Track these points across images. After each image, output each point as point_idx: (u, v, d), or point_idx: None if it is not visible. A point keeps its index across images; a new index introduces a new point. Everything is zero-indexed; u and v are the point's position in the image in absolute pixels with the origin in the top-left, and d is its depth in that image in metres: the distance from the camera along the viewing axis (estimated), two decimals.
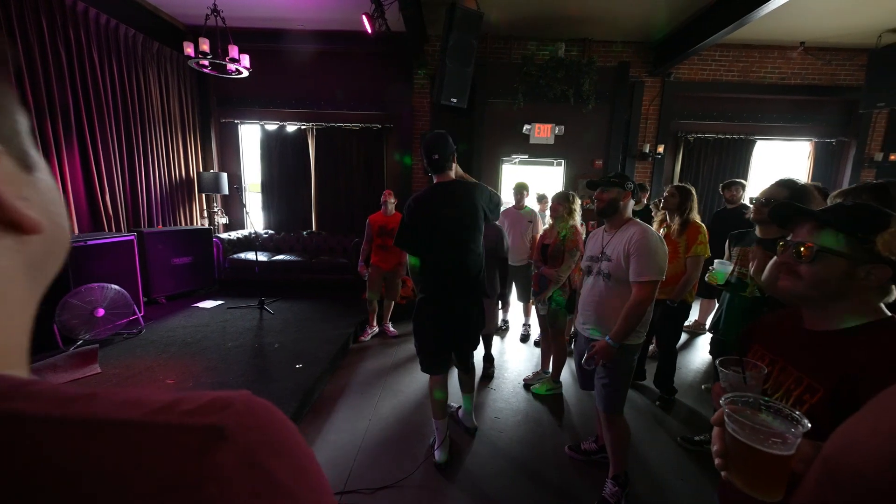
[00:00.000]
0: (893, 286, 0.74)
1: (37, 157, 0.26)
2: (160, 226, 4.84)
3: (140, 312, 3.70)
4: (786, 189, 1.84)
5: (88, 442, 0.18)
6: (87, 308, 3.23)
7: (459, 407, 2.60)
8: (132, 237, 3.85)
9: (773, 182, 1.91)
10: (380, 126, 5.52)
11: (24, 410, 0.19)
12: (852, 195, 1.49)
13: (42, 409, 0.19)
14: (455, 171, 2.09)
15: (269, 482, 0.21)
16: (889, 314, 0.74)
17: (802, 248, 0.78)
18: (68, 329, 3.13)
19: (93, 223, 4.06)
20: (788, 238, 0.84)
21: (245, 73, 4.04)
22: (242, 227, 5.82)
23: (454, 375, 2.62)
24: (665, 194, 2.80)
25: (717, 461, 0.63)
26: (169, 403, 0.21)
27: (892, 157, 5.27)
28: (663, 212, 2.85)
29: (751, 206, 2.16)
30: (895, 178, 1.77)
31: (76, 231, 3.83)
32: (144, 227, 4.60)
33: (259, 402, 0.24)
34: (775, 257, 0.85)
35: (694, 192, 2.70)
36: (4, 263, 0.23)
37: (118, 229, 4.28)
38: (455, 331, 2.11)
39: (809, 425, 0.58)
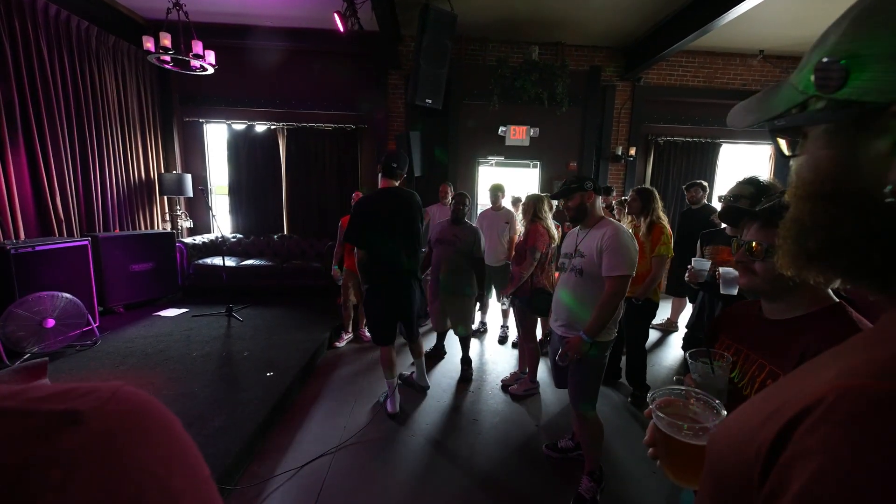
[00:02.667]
0: None
1: None
2: (117, 230, 4.56)
3: (95, 323, 3.46)
4: (750, 186, 1.90)
5: None
6: (35, 318, 2.99)
7: (412, 373, 3.03)
8: (86, 242, 3.61)
9: (738, 181, 1.98)
10: (353, 127, 5.42)
11: None
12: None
13: None
14: (399, 182, 2.51)
15: (129, 468, 0.20)
16: (836, 300, 0.80)
17: (753, 247, 0.83)
18: (13, 342, 2.90)
19: (42, 227, 3.78)
20: (741, 238, 0.89)
21: (210, 70, 3.87)
22: (208, 231, 5.57)
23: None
24: (628, 199, 2.88)
25: (649, 451, 0.66)
26: (18, 391, 0.20)
27: None
28: (630, 216, 2.92)
29: (719, 205, 2.22)
30: None
31: (22, 236, 3.55)
32: (100, 231, 4.33)
33: (130, 391, 0.23)
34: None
35: (656, 192, 2.80)
36: None
37: (70, 234, 4.00)
38: (401, 309, 2.55)
39: (725, 413, 0.61)
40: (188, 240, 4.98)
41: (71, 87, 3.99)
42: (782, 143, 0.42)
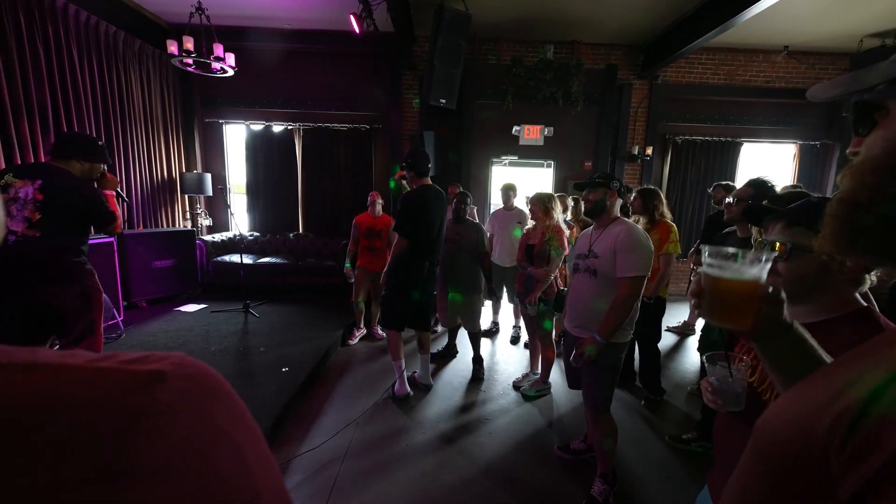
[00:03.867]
0: (866, 276, 0.77)
1: None
2: (141, 227, 4.71)
3: (120, 317, 3.59)
4: (751, 188, 1.96)
5: (29, 380, 0.20)
6: None
7: (414, 372, 3.07)
8: (112, 239, 3.74)
9: (745, 183, 2.04)
10: (368, 127, 5.48)
11: None
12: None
13: None
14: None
15: (207, 422, 0.23)
16: (864, 304, 0.77)
17: (777, 246, 0.81)
18: None
19: None
20: (762, 237, 0.87)
21: (230, 72, 3.96)
22: (227, 229, 5.70)
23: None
24: (631, 199, 2.86)
25: (692, 302, 0.65)
26: (109, 355, 0.23)
27: None
28: (635, 215, 2.91)
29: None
30: None
31: None
32: (125, 228, 4.48)
33: (192, 359, 0.26)
34: None
35: (659, 191, 2.81)
36: None
37: (97, 231, 4.15)
38: (427, 297, 2.78)
39: (777, 253, 0.61)
40: (207, 237, 5.12)
41: (99, 90, 4.14)
42: (859, 120, 0.42)
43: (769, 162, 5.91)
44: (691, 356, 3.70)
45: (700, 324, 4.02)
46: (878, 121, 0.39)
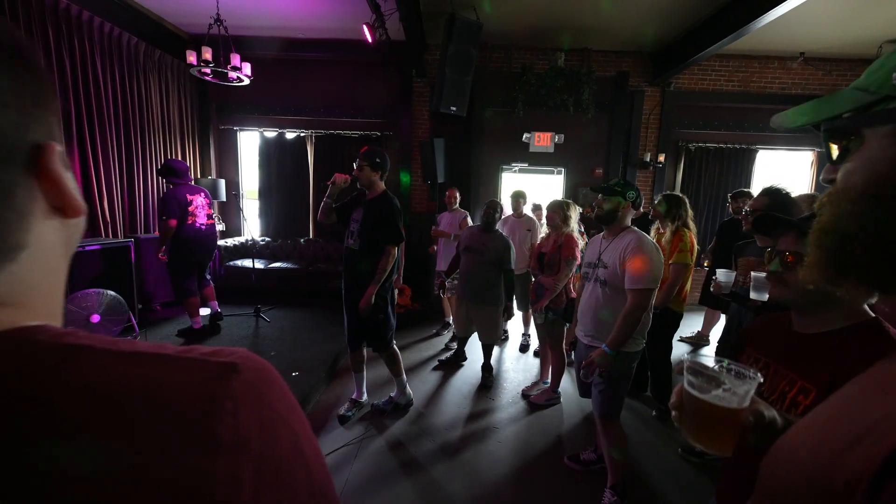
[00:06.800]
0: None
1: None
2: (157, 232, 4.82)
3: (135, 319, 3.66)
4: (767, 197, 1.92)
5: (132, 366, 0.25)
6: (83, 313, 3.18)
7: (386, 399, 2.79)
8: (129, 243, 3.83)
9: (759, 192, 2.00)
10: (379, 134, 5.54)
11: (88, 344, 0.25)
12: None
13: (100, 343, 0.25)
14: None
15: (269, 409, 0.27)
16: (873, 315, 0.77)
17: (786, 257, 0.82)
18: None
19: (90, 229, 4.04)
20: (774, 248, 0.87)
21: (246, 81, 4.05)
22: (239, 234, 5.79)
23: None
24: (655, 203, 2.81)
25: (672, 414, 0.65)
26: (189, 347, 0.28)
27: None
28: (656, 221, 2.86)
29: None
30: None
31: None
32: (141, 233, 4.59)
33: (255, 355, 0.29)
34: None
35: (685, 200, 2.71)
36: (54, 240, 0.30)
37: (115, 235, 4.27)
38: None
39: (761, 380, 0.59)
40: (220, 242, 5.20)
41: (120, 98, 4.28)
42: (833, 147, 0.41)
43: (786, 169, 5.81)
44: None
45: (716, 335, 3.94)
46: (852, 148, 0.38)
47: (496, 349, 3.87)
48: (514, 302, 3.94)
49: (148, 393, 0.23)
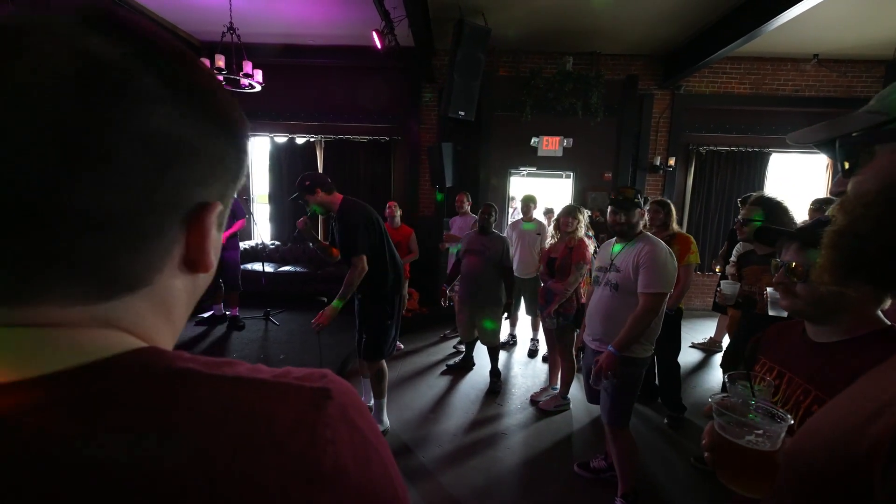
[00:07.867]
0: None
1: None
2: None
3: None
4: (758, 207, 1.93)
5: (236, 391, 0.25)
6: None
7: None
8: None
9: (750, 201, 2.01)
10: (388, 138, 5.57)
11: (194, 368, 0.25)
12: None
13: (204, 368, 0.25)
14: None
15: (359, 433, 0.27)
16: (888, 323, 0.76)
17: (793, 267, 0.82)
18: None
19: None
20: (779, 259, 0.87)
21: (258, 88, 4.11)
22: (250, 238, 5.86)
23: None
24: (649, 210, 2.75)
25: (706, 455, 0.65)
26: (283, 371, 0.28)
27: None
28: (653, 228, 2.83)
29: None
30: None
31: None
32: None
33: (339, 377, 0.29)
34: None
35: (670, 203, 2.80)
36: (178, 285, 0.30)
37: None
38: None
39: (792, 421, 0.59)
40: None
41: None
42: (846, 163, 0.45)
43: (800, 173, 5.70)
44: (716, 374, 3.56)
45: (726, 340, 3.87)
46: (862, 163, 0.41)
47: (504, 354, 3.85)
48: (523, 304, 3.93)
49: (247, 423, 0.23)
